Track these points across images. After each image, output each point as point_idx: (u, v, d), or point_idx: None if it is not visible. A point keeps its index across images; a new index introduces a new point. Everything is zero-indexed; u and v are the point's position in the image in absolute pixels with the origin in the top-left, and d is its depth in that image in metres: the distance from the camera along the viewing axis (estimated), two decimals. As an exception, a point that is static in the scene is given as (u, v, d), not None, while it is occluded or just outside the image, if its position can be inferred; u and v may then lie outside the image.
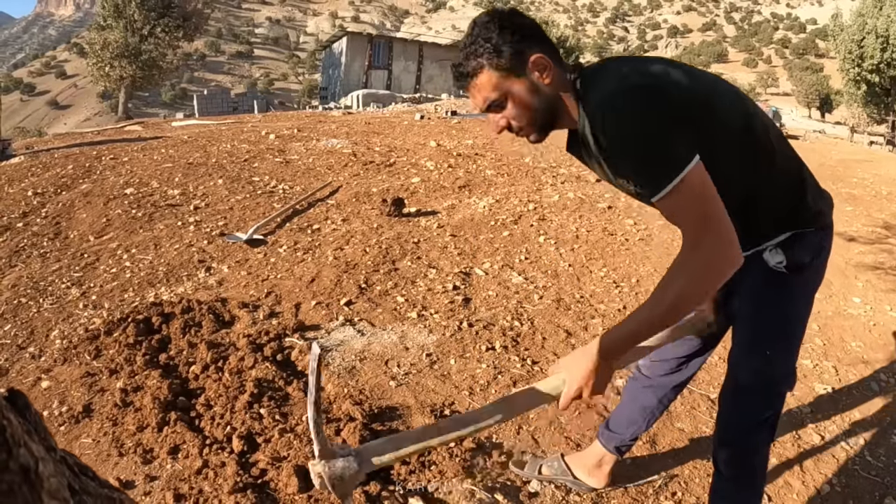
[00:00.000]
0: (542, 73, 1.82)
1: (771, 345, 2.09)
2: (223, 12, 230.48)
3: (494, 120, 1.90)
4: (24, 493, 0.66)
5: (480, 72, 1.81)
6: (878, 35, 29.48)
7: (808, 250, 2.00)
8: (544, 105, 1.84)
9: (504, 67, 1.79)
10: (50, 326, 4.22)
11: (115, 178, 7.65)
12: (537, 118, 1.87)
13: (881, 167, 12.74)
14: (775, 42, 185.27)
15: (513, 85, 1.81)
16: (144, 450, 2.87)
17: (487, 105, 1.85)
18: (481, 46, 1.79)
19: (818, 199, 2.04)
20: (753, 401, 2.15)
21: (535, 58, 1.80)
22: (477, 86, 1.84)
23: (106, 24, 32.80)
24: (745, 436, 2.20)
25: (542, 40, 1.85)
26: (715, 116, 1.80)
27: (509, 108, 1.85)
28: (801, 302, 2.11)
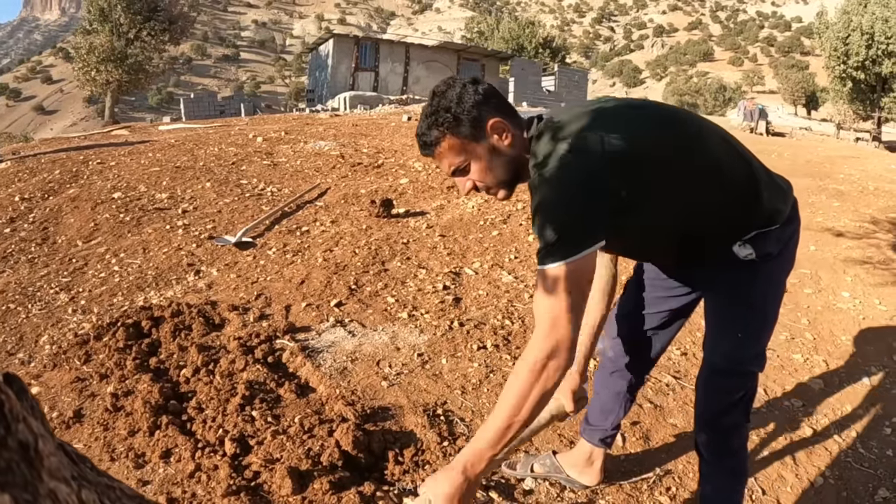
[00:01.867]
0: (501, 136, 1.92)
1: (742, 328, 2.14)
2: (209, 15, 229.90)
3: (461, 183, 2.00)
4: (22, 471, 0.65)
5: (443, 140, 1.91)
6: (863, 32, 29.62)
7: (773, 242, 2.05)
8: (505, 165, 1.95)
9: (464, 134, 1.89)
10: (39, 332, 4.20)
11: (103, 183, 7.62)
12: (500, 178, 1.97)
13: (867, 163, 12.77)
14: (761, 40, 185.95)
15: (474, 150, 1.92)
16: (136, 454, 2.86)
17: (453, 170, 1.96)
18: (441, 116, 1.89)
19: (773, 198, 2.07)
20: (726, 382, 2.21)
21: (493, 122, 1.90)
22: (441, 153, 1.93)
23: (92, 29, 32.63)
24: (720, 417, 2.25)
25: (499, 104, 1.96)
26: (665, 159, 1.89)
27: (473, 171, 1.95)
28: (770, 287, 2.15)
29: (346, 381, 3.51)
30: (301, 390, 3.40)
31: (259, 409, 3.13)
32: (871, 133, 33.10)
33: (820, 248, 6.23)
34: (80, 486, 0.78)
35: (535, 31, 45.20)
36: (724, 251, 2.05)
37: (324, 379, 3.49)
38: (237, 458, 2.77)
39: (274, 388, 3.37)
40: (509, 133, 1.94)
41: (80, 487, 0.78)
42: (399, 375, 3.60)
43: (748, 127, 24.39)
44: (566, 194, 1.75)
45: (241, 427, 2.97)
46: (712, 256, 2.10)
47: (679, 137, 1.96)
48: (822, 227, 7.02)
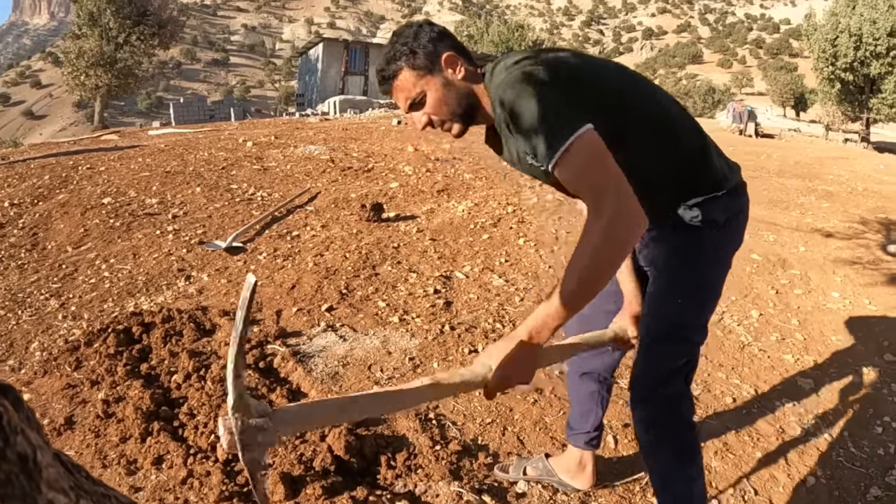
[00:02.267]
0: (455, 69, 2.00)
1: (683, 294, 2.11)
2: (198, 20, 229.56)
3: (417, 117, 2.06)
4: (21, 483, 0.65)
5: (399, 73, 1.99)
6: (851, 34, 29.81)
7: (720, 210, 2.04)
8: (459, 98, 2.00)
9: (419, 66, 1.97)
10: (29, 338, 4.19)
11: (93, 188, 7.60)
12: (455, 111, 2.01)
13: (856, 164, 12.85)
14: (749, 42, 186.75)
15: (428, 82, 1.98)
16: (128, 461, 2.85)
17: (409, 104, 2.02)
18: (399, 51, 1.98)
19: (723, 166, 2.10)
20: (668, 348, 2.15)
21: (447, 56, 1.98)
22: (398, 87, 2.01)
23: (81, 33, 32.60)
24: (661, 386, 2.16)
25: (453, 43, 2.04)
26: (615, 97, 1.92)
27: (428, 104, 2.00)
28: (715, 256, 2.13)
29: (337, 386, 3.50)
30: (293, 395, 3.40)
31: (251, 414, 3.13)
32: (859, 134, 33.26)
33: (810, 249, 6.25)
34: (78, 497, 0.78)
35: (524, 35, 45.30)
36: (670, 211, 2.05)
37: (315, 384, 3.49)
38: (229, 464, 2.76)
39: (266, 394, 3.37)
40: (462, 67, 2.01)
41: (78, 497, 0.78)
42: (391, 380, 3.60)
43: (737, 129, 24.42)
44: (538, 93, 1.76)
45: (233, 433, 2.96)
46: (658, 216, 2.02)
47: (634, 81, 2.04)
48: (811, 227, 7.06)
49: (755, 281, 5.33)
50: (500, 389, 1.81)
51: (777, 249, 6.14)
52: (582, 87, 1.84)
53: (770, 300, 4.98)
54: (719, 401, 3.57)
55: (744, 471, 2.98)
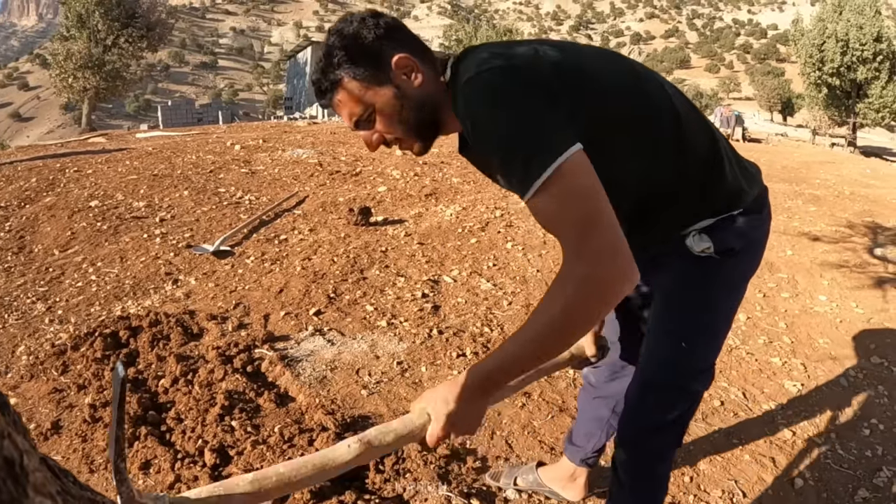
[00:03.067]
0: (410, 76, 1.60)
1: (689, 335, 1.85)
2: (187, 22, 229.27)
3: (366, 136, 1.66)
4: (8, 487, 0.64)
5: (339, 85, 1.59)
6: (838, 39, 30.01)
7: (735, 235, 1.75)
8: (417, 111, 1.61)
9: (364, 76, 1.57)
10: (16, 342, 4.16)
11: (80, 191, 7.57)
12: (413, 127, 1.63)
13: (843, 168, 12.92)
14: (737, 47, 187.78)
15: (377, 94, 1.58)
16: (114, 465, 2.83)
17: (355, 122, 1.63)
18: (336, 56, 1.57)
19: (739, 177, 1.78)
20: (662, 398, 1.91)
21: (398, 59, 1.57)
22: (339, 102, 1.61)
23: (69, 35, 32.44)
24: (647, 437, 1.97)
25: (405, 39, 1.63)
26: (601, 89, 1.56)
27: (378, 120, 1.62)
28: (728, 291, 1.87)
29: (325, 390, 3.50)
30: (280, 400, 3.39)
31: (238, 419, 3.12)
32: (846, 138, 33.45)
33: (797, 253, 6.28)
34: (66, 501, 0.78)
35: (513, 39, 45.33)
36: (675, 233, 1.77)
37: (303, 388, 3.48)
38: (217, 469, 2.75)
39: (253, 398, 3.35)
40: (419, 72, 1.60)
41: (65, 502, 0.78)
42: (379, 384, 3.60)
43: (725, 133, 24.59)
44: (511, 106, 1.39)
45: (221, 437, 2.95)
46: (664, 242, 1.80)
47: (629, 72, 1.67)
48: (798, 231, 7.09)
49: (743, 285, 5.35)
50: (440, 441, 1.51)
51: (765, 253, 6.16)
52: (563, 91, 1.47)
53: (757, 303, 5.00)
54: (707, 404, 3.57)
55: (732, 473, 2.99)
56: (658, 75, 1.75)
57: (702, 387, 1.93)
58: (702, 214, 1.74)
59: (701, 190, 1.72)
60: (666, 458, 2.05)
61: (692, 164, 1.69)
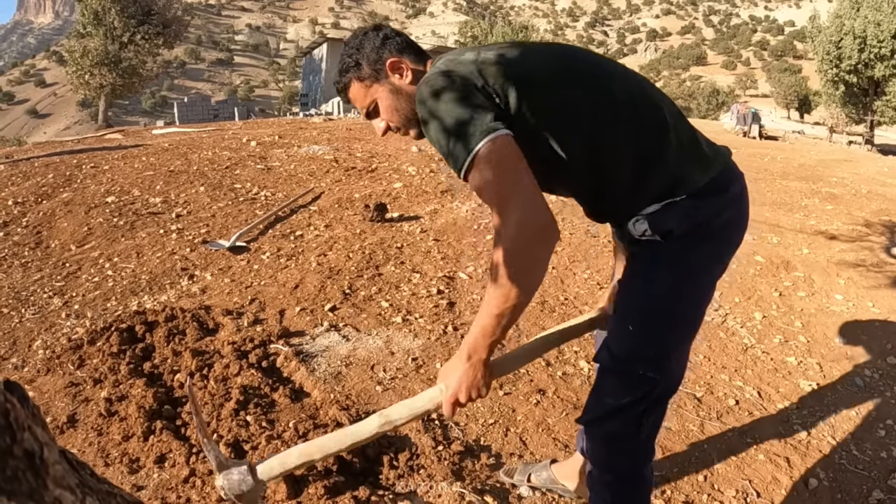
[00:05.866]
0: (401, 75, 1.99)
1: (635, 320, 1.91)
2: (203, 19, 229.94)
3: (375, 124, 2.07)
4: (28, 479, 0.65)
5: (350, 85, 2.02)
6: (855, 36, 29.79)
7: (675, 218, 1.80)
8: (408, 103, 1.97)
9: (366, 76, 1.99)
10: (32, 336, 4.19)
11: (96, 187, 7.60)
12: (407, 115, 1.99)
13: (860, 166, 12.84)
14: (754, 44, 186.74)
15: (377, 91, 1.99)
16: (131, 459, 2.85)
17: (366, 113, 2.05)
18: (346, 63, 2.00)
19: (684, 163, 1.83)
20: (612, 381, 1.98)
21: (391, 61, 1.97)
22: (352, 97, 2.05)
23: (85, 32, 32.62)
24: (601, 421, 2.01)
25: (400, 45, 2.01)
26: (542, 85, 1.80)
27: (381, 111, 2.02)
28: (680, 274, 1.87)
29: (340, 386, 3.50)
30: (295, 395, 3.40)
31: (253, 413, 3.13)
32: (863, 136, 33.23)
33: (813, 251, 6.24)
34: (84, 494, 0.78)
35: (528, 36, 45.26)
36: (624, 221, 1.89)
37: (318, 384, 3.49)
38: (231, 463, 2.76)
39: (268, 393, 3.37)
40: (408, 70, 1.99)
41: (84, 495, 0.78)
42: (393, 380, 3.60)
43: (741, 131, 24.40)
44: (440, 99, 1.71)
45: (236, 432, 2.96)
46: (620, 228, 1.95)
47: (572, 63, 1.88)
48: (815, 230, 7.05)
49: (758, 283, 5.33)
50: (453, 410, 1.85)
51: (780, 252, 6.13)
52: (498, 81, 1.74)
53: (773, 302, 4.97)
54: (722, 403, 3.56)
55: (746, 473, 2.98)
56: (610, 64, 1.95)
57: (654, 374, 1.90)
58: (644, 201, 1.83)
59: (638, 177, 1.82)
60: (623, 450, 2.04)
61: (630, 149, 1.82)
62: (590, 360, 3.91)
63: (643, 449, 2.06)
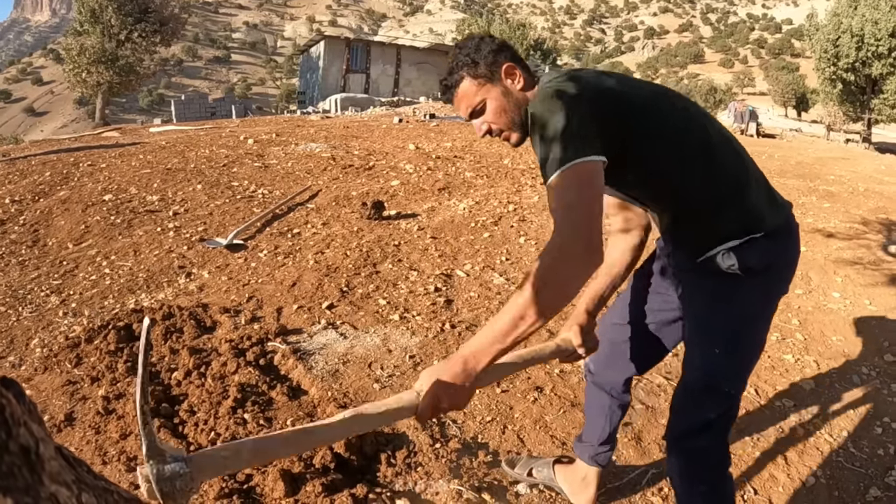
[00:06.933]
0: (514, 80, 2.03)
1: (720, 343, 2.05)
2: (200, 17, 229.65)
3: (477, 125, 2.08)
4: (24, 475, 0.65)
5: (461, 82, 2.03)
6: (853, 34, 29.76)
7: (756, 255, 1.96)
8: (517, 107, 2.02)
9: (480, 75, 2.01)
10: (30, 335, 4.19)
11: (94, 185, 7.60)
12: (513, 119, 2.03)
13: (857, 164, 12.85)
14: (751, 42, 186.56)
15: (489, 91, 2.02)
16: (128, 457, 2.85)
17: (470, 112, 2.05)
18: (461, 61, 2.03)
19: (761, 204, 2.01)
20: (701, 398, 2.11)
21: (507, 66, 2.02)
22: (459, 95, 2.05)
23: (82, 30, 32.53)
24: (693, 437, 2.13)
25: (513, 55, 2.07)
26: (646, 119, 1.92)
27: (488, 112, 2.03)
28: (754, 305, 2.06)
29: (337, 384, 3.50)
30: (293, 393, 3.40)
31: (251, 411, 3.13)
32: (861, 134, 33.22)
33: (810, 249, 6.25)
34: (80, 490, 0.78)
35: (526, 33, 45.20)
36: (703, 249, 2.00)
37: (315, 381, 3.49)
38: (229, 461, 2.76)
39: (266, 391, 3.37)
40: (521, 78, 2.03)
41: (80, 491, 0.78)
42: (391, 377, 3.60)
43: (739, 129, 24.41)
44: (558, 112, 1.77)
45: (233, 430, 2.96)
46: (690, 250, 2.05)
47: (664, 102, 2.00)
48: (812, 227, 7.05)
49: (756, 281, 5.32)
50: (431, 416, 1.75)
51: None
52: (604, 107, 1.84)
53: (770, 300, 4.97)
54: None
55: (743, 470, 2.99)
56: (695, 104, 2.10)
57: (735, 391, 2.10)
58: (728, 234, 1.97)
59: (723, 213, 1.98)
60: (714, 464, 2.17)
61: (719, 190, 1.97)
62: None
63: (727, 456, 2.19)
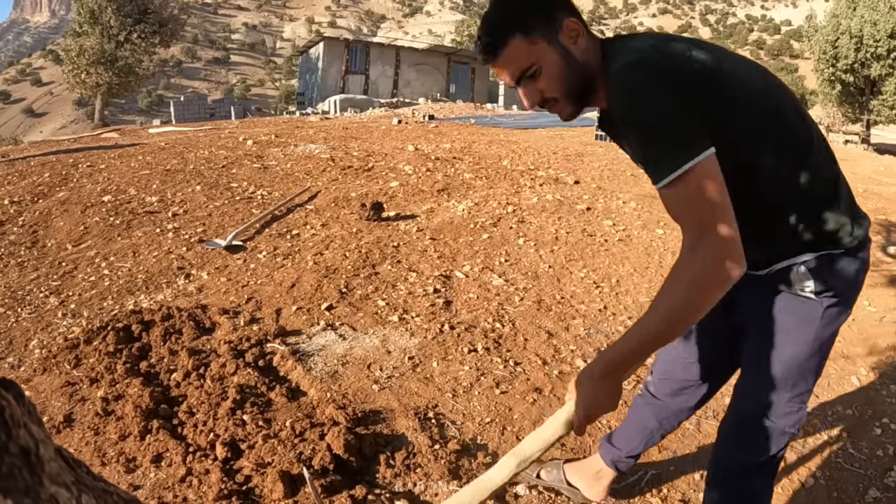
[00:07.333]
0: (576, 40, 1.71)
1: (785, 377, 1.89)
2: (199, 18, 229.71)
3: (528, 92, 1.77)
4: (24, 476, 0.65)
5: (510, 41, 1.68)
6: (851, 35, 29.79)
7: (841, 279, 1.80)
8: (578, 74, 1.73)
9: (536, 34, 1.68)
10: (29, 336, 4.19)
11: (93, 186, 7.60)
12: (572, 88, 1.75)
13: (857, 165, 12.82)
14: (750, 43, 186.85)
15: (546, 53, 1.69)
16: (127, 458, 2.85)
17: (518, 77, 1.74)
18: (505, 15, 1.69)
19: (849, 214, 1.81)
20: (757, 438, 1.95)
21: (569, 22, 1.69)
22: (507, 57, 1.71)
23: (82, 31, 32.55)
24: (742, 477, 2.01)
25: (571, 6, 1.74)
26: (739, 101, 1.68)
27: (543, 77, 1.72)
28: (825, 334, 1.88)
29: (337, 385, 3.50)
30: (292, 394, 3.40)
31: (250, 413, 3.13)
32: (860, 136, 33.23)
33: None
34: (80, 492, 0.78)
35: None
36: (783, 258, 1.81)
37: (315, 382, 3.49)
38: (228, 463, 2.76)
39: (265, 392, 3.37)
40: (584, 38, 1.73)
41: (80, 493, 0.78)
42: (390, 379, 3.60)
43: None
44: (664, 99, 1.54)
45: (233, 431, 2.96)
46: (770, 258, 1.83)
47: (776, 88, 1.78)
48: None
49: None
50: (584, 426, 1.73)
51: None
52: (712, 95, 1.62)
53: (769, 301, 4.97)
54: (718, 401, 3.56)
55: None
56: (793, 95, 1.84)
57: (795, 430, 1.96)
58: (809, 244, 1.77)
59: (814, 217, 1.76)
60: (760, 498, 2.06)
61: (813, 187, 1.75)
62: (586, 358, 3.92)
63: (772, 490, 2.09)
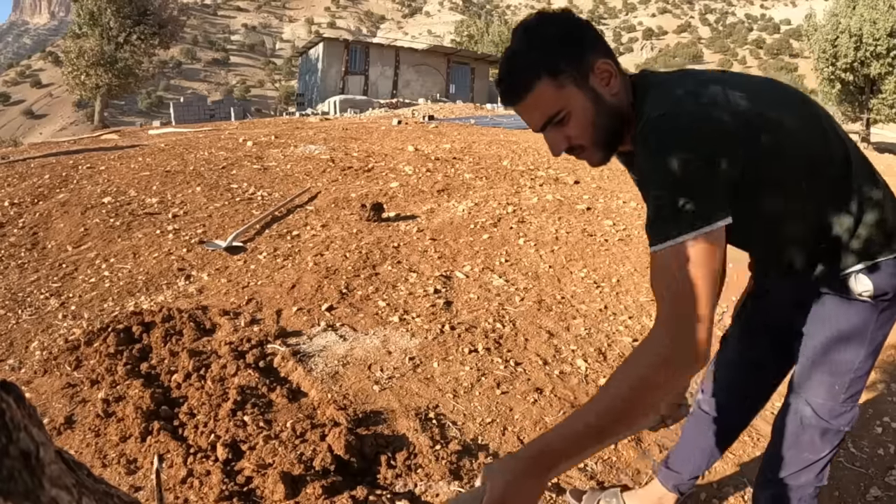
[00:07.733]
0: (608, 83, 1.60)
1: (841, 379, 1.87)
2: (199, 19, 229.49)
3: (555, 139, 1.64)
4: (24, 479, 0.65)
5: (536, 85, 1.55)
6: (851, 34, 29.83)
7: (890, 280, 1.74)
8: (610, 119, 1.62)
9: (565, 78, 1.56)
10: (29, 338, 4.19)
11: (93, 188, 7.60)
12: (603, 135, 1.64)
13: (856, 164, 12.85)
14: (750, 43, 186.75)
15: (575, 98, 1.57)
16: (128, 460, 2.85)
17: (544, 123, 1.61)
18: (536, 54, 1.55)
19: None
20: (813, 438, 1.94)
21: (601, 64, 1.58)
22: (532, 102, 1.58)
23: (81, 32, 32.61)
24: (796, 476, 2.01)
25: (603, 45, 1.63)
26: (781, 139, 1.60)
27: (572, 123, 1.60)
28: (879, 335, 1.85)
29: (337, 386, 3.50)
30: (293, 395, 3.40)
31: (251, 414, 3.13)
32: (859, 134, 33.25)
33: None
34: (81, 494, 0.78)
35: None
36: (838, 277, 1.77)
37: (315, 383, 3.49)
38: (229, 464, 2.76)
39: (265, 393, 3.36)
40: (616, 80, 1.60)
41: (81, 495, 0.78)
42: (391, 379, 3.60)
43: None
44: (689, 149, 1.43)
45: (233, 432, 2.96)
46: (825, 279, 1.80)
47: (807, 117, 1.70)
48: None
49: (755, 281, 5.33)
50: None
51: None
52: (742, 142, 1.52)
53: (770, 300, 4.97)
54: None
55: (744, 471, 2.98)
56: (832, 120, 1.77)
57: (847, 427, 1.95)
58: (862, 254, 1.73)
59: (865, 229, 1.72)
60: (810, 496, 2.05)
61: (859, 205, 1.71)
62: (587, 358, 3.91)
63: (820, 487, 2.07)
